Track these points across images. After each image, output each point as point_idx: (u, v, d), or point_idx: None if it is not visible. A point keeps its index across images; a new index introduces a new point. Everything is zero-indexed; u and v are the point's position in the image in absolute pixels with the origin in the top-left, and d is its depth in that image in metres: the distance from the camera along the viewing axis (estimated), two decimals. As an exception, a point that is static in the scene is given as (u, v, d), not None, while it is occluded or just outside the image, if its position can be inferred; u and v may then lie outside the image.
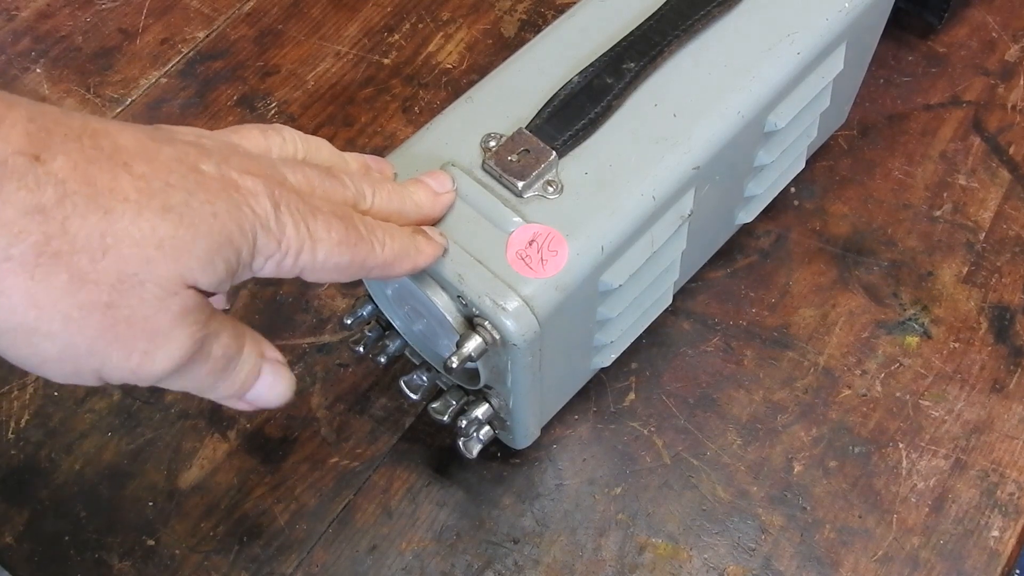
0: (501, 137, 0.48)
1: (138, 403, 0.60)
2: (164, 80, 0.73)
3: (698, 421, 0.59)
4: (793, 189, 0.67)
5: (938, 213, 0.66)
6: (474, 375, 0.50)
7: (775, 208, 0.67)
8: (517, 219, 0.46)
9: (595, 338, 0.53)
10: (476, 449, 0.54)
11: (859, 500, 0.56)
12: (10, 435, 0.59)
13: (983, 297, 0.63)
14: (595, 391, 0.60)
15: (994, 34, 0.75)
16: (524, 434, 0.54)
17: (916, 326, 0.62)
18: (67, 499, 0.57)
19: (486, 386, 0.51)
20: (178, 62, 0.74)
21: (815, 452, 0.58)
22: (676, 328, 0.62)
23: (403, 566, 0.55)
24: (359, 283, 0.63)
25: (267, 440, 0.58)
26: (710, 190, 0.52)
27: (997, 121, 0.70)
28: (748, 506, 0.56)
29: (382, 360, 0.55)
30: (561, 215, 0.46)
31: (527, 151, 0.47)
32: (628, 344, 0.56)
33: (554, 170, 0.47)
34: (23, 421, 0.59)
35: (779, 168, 0.60)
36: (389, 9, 0.77)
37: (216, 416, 0.59)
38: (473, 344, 0.45)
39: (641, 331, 0.56)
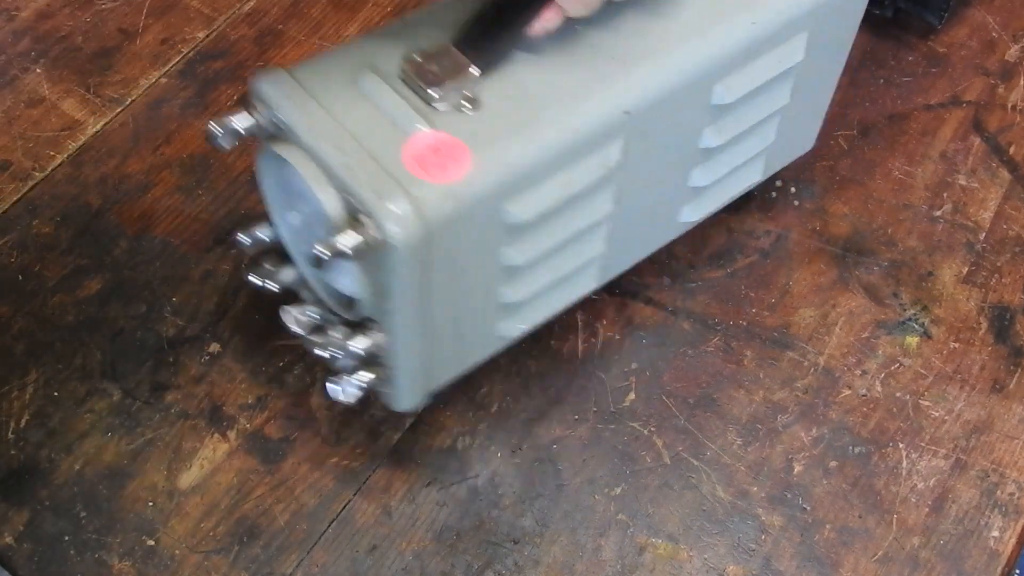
0: (427, 53, 0.46)
1: (138, 403, 0.60)
2: (164, 80, 0.73)
3: (698, 421, 0.59)
4: (793, 189, 0.67)
5: (938, 213, 0.66)
6: (353, 303, 0.47)
7: (775, 208, 0.67)
8: (422, 125, 0.44)
9: (501, 292, 0.50)
10: (353, 394, 0.51)
11: (859, 500, 0.56)
12: (10, 435, 0.59)
13: (983, 297, 0.63)
14: (595, 391, 0.60)
15: (994, 34, 0.75)
16: (406, 387, 0.51)
17: (916, 326, 0.62)
18: (67, 499, 0.57)
19: (368, 319, 0.48)
20: (178, 62, 0.74)
21: (815, 452, 0.58)
22: (676, 328, 0.62)
23: (403, 566, 0.55)
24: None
25: (267, 440, 0.58)
26: (647, 154, 0.50)
27: (997, 121, 0.70)
28: (748, 506, 0.56)
29: (275, 288, 0.52)
30: (471, 130, 0.45)
31: (448, 64, 0.46)
32: (541, 318, 0.53)
33: (474, 86, 0.46)
34: (23, 421, 0.59)
35: (728, 161, 0.57)
36: (389, 9, 0.77)
37: (216, 416, 0.59)
38: (349, 239, 0.42)
39: (557, 309, 0.53)
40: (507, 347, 0.56)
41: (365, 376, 0.50)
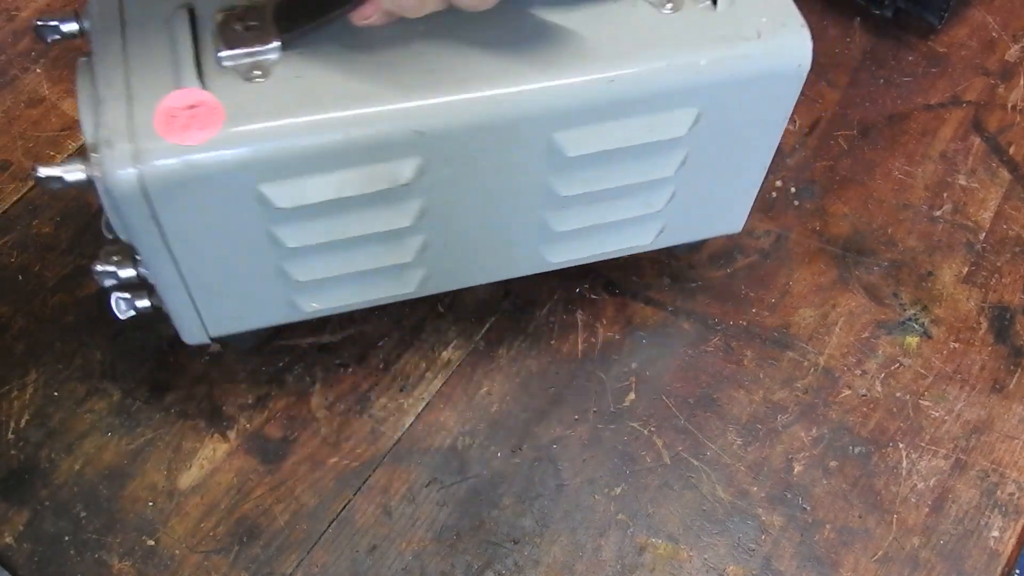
0: (245, 10, 0.45)
1: (138, 403, 0.60)
2: (164, 80, 0.73)
3: (698, 421, 0.59)
4: (793, 189, 0.67)
5: (938, 213, 0.66)
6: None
7: (775, 208, 0.67)
8: (194, 79, 0.43)
9: (286, 268, 0.49)
10: (125, 311, 0.51)
11: (859, 500, 0.56)
12: (10, 435, 0.59)
13: (983, 297, 0.63)
14: (595, 391, 0.60)
15: (994, 34, 0.75)
16: (182, 323, 0.52)
17: (916, 326, 0.62)
18: (67, 499, 0.57)
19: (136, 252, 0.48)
20: (178, 62, 0.74)
21: (815, 452, 0.58)
22: (676, 328, 0.62)
23: (403, 566, 0.55)
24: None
25: (267, 440, 0.58)
26: (467, 183, 0.48)
27: (997, 121, 0.70)
28: (748, 506, 0.56)
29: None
30: (241, 101, 0.43)
31: (256, 29, 0.44)
32: (343, 305, 0.53)
33: (271, 59, 0.44)
34: (23, 421, 0.59)
35: (596, 214, 0.53)
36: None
37: (216, 416, 0.59)
38: (68, 169, 0.42)
39: (364, 301, 0.53)
40: (321, 318, 0.56)
41: (144, 302, 0.52)
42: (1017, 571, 0.58)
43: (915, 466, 0.57)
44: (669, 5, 0.48)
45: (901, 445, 0.58)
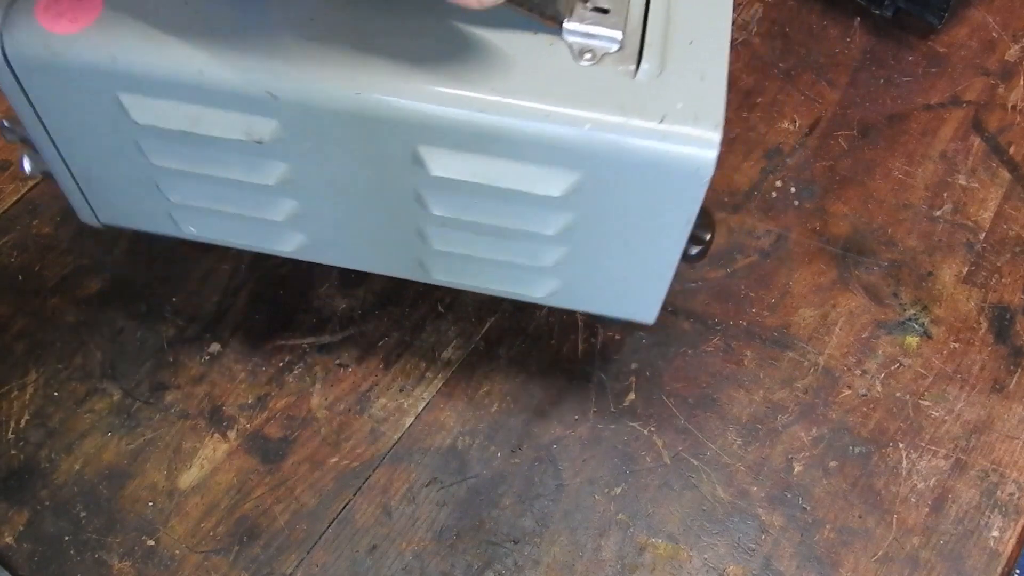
0: None
1: (138, 403, 0.60)
2: (164, 80, 0.73)
3: (698, 421, 0.59)
4: (793, 189, 0.67)
5: (938, 213, 0.66)
6: None
7: (775, 208, 0.67)
8: None
9: (161, 184, 0.50)
10: (28, 169, 0.53)
11: (859, 500, 0.56)
12: (10, 435, 0.59)
13: (983, 297, 0.63)
14: (595, 391, 0.60)
15: (994, 34, 0.75)
16: (73, 200, 0.53)
17: (916, 326, 0.62)
18: (67, 499, 0.57)
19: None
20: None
21: (815, 452, 0.58)
22: (676, 328, 0.62)
23: (403, 566, 0.55)
24: (360, 283, 0.63)
25: (267, 440, 0.58)
26: (332, 165, 0.47)
27: (997, 121, 0.70)
28: (748, 506, 0.56)
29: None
30: (125, 7, 0.43)
31: None
32: (216, 238, 0.53)
33: None
34: (23, 421, 0.59)
35: (471, 245, 0.50)
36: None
37: (216, 416, 0.59)
38: None
39: (239, 243, 0.52)
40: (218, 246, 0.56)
41: (42, 166, 0.52)
42: (1017, 571, 0.58)
43: (915, 466, 0.57)
44: (588, 55, 0.44)
45: (901, 445, 0.58)
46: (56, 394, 0.60)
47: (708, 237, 0.54)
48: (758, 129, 0.70)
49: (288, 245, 0.53)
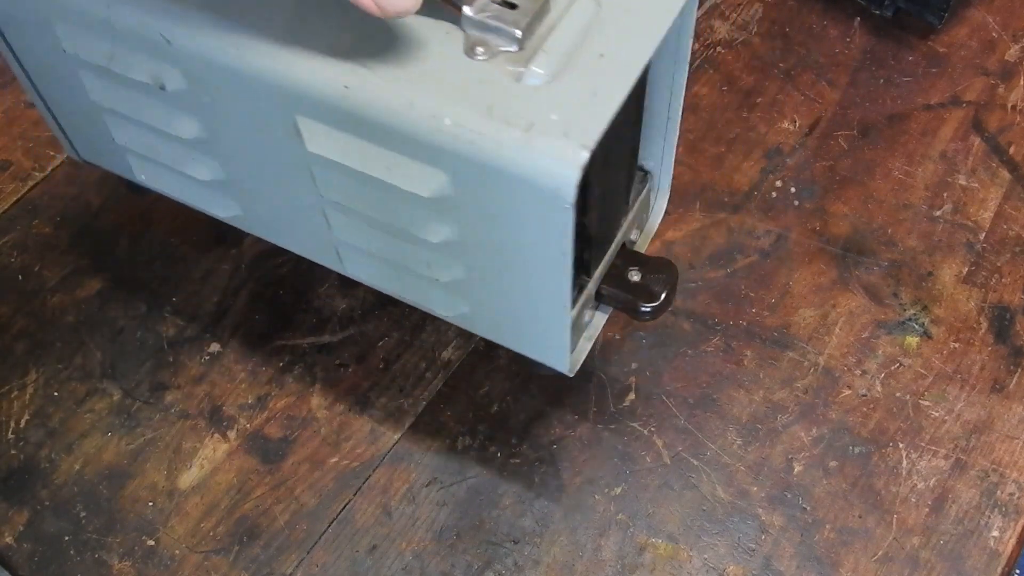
0: None
1: (138, 403, 0.60)
2: (164, 80, 0.73)
3: (698, 421, 0.59)
4: (793, 189, 0.67)
5: (938, 213, 0.66)
6: None
7: (775, 208, 0.67)
8: None
9: (107, 123, 0.52)
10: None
11: (859, 500, 0.56)
12: (10, 435, 0.59)
13: (983, 297, 0.63)
14: (595, 391, 0.60)
15: (994, 34, 0.75)
16: (54, 132, 0.56)
17: (916, 326, 0.62)
18: (67, 499, 0.57)
19: None
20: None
21: (815, 452, 0.58)
22: (676, 328, 0.62)
23: (403, 566, 0.55)
24: (360, 283, 0.63)
25: (267, 440, 0.58)
26: (239, 126, 0.47)
27: (997, 121, 0.70)
28: (748, 506, 0.56)
29: None
30: None
31: None
32: (163, 189, 0.54)
33: None
34: (23, 421, 0.59)
35: (365, 241, 0.49)
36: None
37: (216, 416, 0.59)
38: None
39: (175, 196, 0.54)
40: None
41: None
42: (1017, 571, 0.58)
43: (915, 466, 0.57)
44: (481, 50, 0.41)
45: (901, 445, 0.58)
46: (56, 394, 0.60)
47: (664, 294, 0.51)
48: (758, 129, 0.70)
49: (222, 210, 0.53)
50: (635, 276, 0.52)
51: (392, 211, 0.45)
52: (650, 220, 0.56)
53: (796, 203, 0.67)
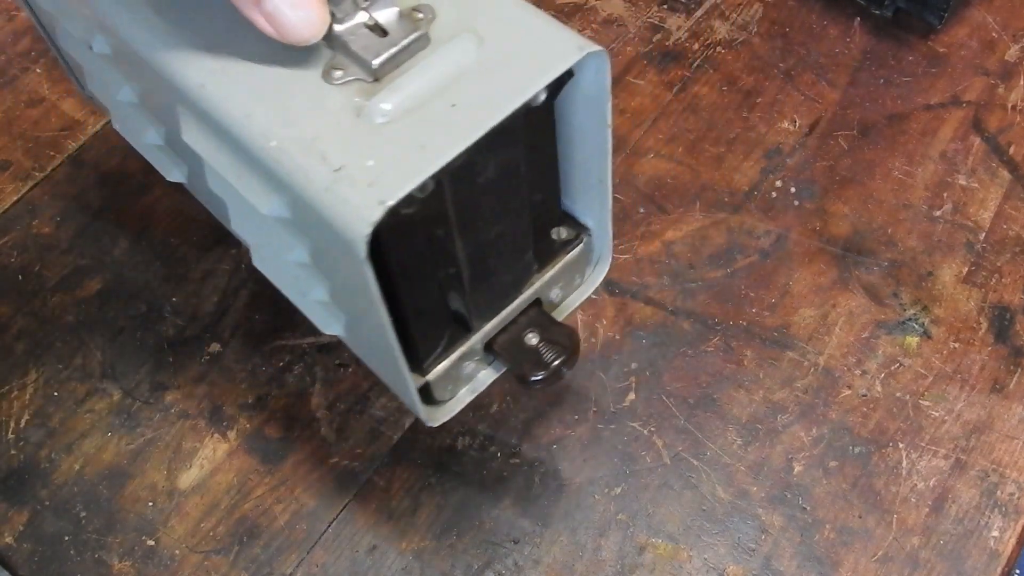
0: None
1: (138, 403, 0.60)
2: (164, 80, 0.73)
3: (698, 421, 0.59)
4: (793, 189, 0.67)
5: (938, 213, 0.66)
6: None
7: (775, 208, 0.67)
8: None
9: (85, 68, 0.52)
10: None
11: (859, 500, 0.56)
12: (10, 435, 0.59)
13: (983, 297, 0.63)
14: (595, 391, 0.60)
15: (994, 34, 0.75)
16: (63, 68, 0.59)
17: (916, 326, 0.62)
18: (67, 499, 0.57)
19: None
20: (178, 62, 0.74)
21: (815, 452, 0.58)
22: (676, 328, 0.62)
23: (403, 566, 0.55)
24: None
25: (267, 440, 0.58)
26: (154, 96, 0.47)
27: (997, 121, 0.70)
28: (748, 506, 0.56)
29: None
30: None
31: None
32: (131, 141, 0.53)
33: None
34: (23, 421, 0.59)
35: (252, 228, 0.45)
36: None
37: (216, 416, 0.59)
38: None
39: (151, 160, 0.52)
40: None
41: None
42: (1017, 571, 0.58)
43: (915, 466, 0.57)
44: (339, 74, 0.38)
45: (901, 445, 0.58)
46: (56, 394, 0.60)
47: (556, 361, 0.46)
48: (758, 129, 0.70)
49: (173, 175, 0.51)
50: (532, 339, 0.47)
51: (253, 220, 0.43)
52: (582, 287, 0.51)
53: (796, 203, 0.67)
